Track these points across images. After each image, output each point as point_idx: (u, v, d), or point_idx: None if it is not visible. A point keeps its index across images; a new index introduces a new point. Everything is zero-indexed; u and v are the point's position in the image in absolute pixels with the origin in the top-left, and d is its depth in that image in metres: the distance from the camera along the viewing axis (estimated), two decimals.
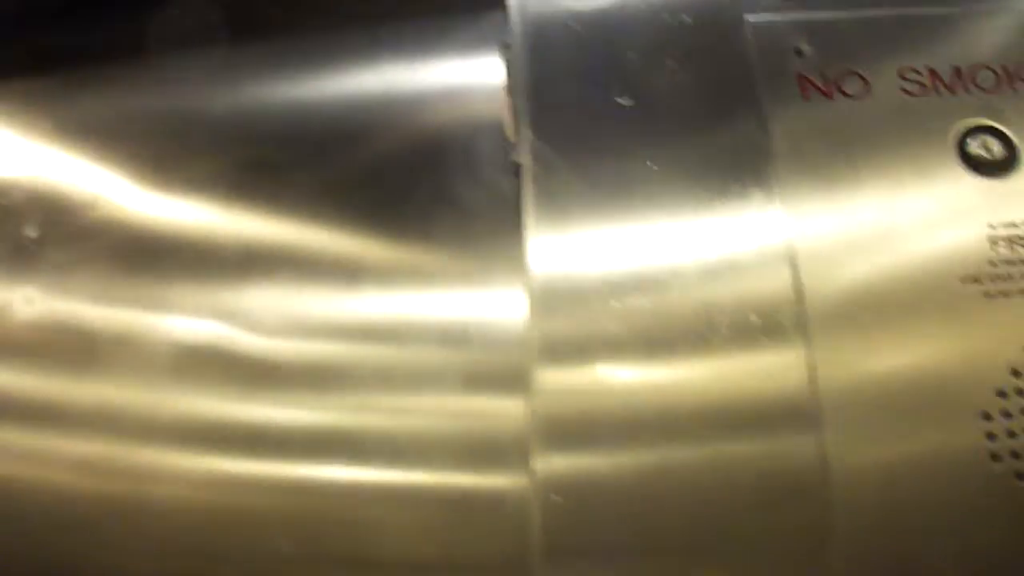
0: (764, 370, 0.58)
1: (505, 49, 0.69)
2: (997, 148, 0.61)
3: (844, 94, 0.63)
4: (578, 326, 0.60)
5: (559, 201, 0.62)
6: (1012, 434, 0.55)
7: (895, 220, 0.60)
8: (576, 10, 0.69)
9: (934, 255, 0.60)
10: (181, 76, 0.86)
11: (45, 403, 0.78)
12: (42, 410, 0.78)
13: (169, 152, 0.82)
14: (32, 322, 0.81)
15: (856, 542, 0.55)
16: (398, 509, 0.69)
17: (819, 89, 0.64)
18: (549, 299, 0.61)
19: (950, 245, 0.60)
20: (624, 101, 0.64)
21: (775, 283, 0.59)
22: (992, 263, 0.59)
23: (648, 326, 0.59)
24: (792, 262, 0.59)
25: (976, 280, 0.58)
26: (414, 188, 0.75)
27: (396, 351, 0.73)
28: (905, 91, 0.63)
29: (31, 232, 0.83)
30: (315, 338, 0.75)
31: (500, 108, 0.69)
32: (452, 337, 0.72)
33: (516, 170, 0.64)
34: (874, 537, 0.55)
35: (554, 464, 0.57)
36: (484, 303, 0.73)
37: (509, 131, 0.68)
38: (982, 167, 0.61)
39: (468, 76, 0.79)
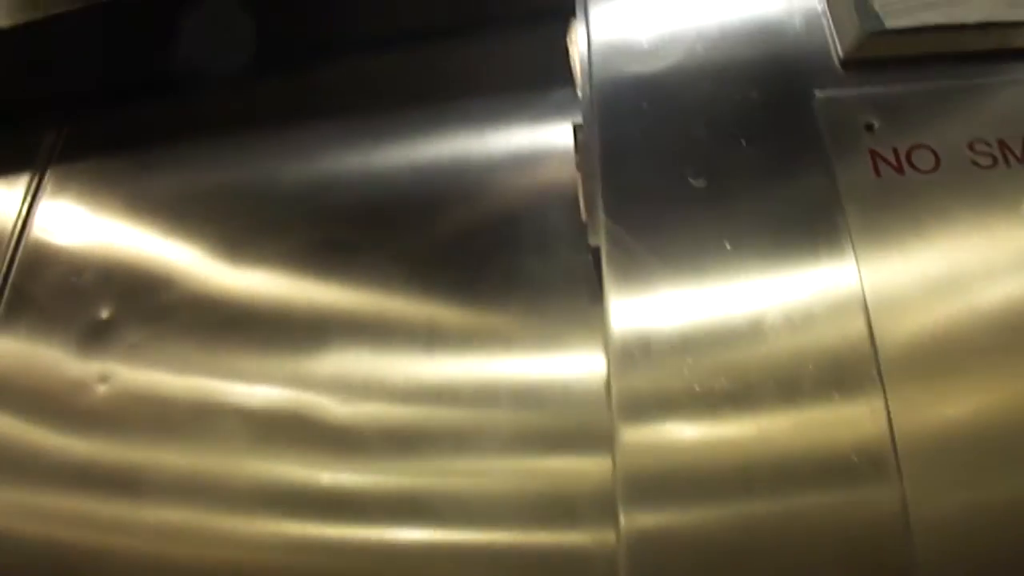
0: (841, 421, 0.58)
1: (577, 129, 0.70)
2: None
3: (915, 168, 0.64)
4: (658, 385, 0.61)
5: (637, 279, 0.63)
6: None
7: (968, 283, 0.61)
8: (643, 77, 0.70)
9: (1008, 312, 0.60)
10: (252, 153, 0.87)
11: (127, 474, 0.80)
12: (124, 481, 0.80)
13: (241, 228, 0.84)
14: (110, 397, 0.83)
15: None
16: (480, 571, 0.70)
17: (890, 164, 0.64)
18: (629, 360, 0.62)
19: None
20: (697, 182, 0.65)
21: (850, 343, 0.60)
22: None
23: (726, 383, 0.60)
24: (868, 325, 0.60)
25: None
26: (488, 258, 0.77)
27: (472, 415, 0.74)
28: (975, 163, 0.64)
29: (104, 313, 0.85)
30: (392, 403, 0.76)
31: (573, 185, 0.71)
32: (528, 400, 0.73)
33: (593, 252, 0.65)
34: (948, 565, 0.54)
35: (639, 520, 0.58)
36: (559, 367, 0.74)
37: (582, 210, 0.69)
38: None
39: (538, 146, 0.80)
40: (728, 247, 0.63)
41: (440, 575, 0.71)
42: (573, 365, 0.75)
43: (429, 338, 0.77)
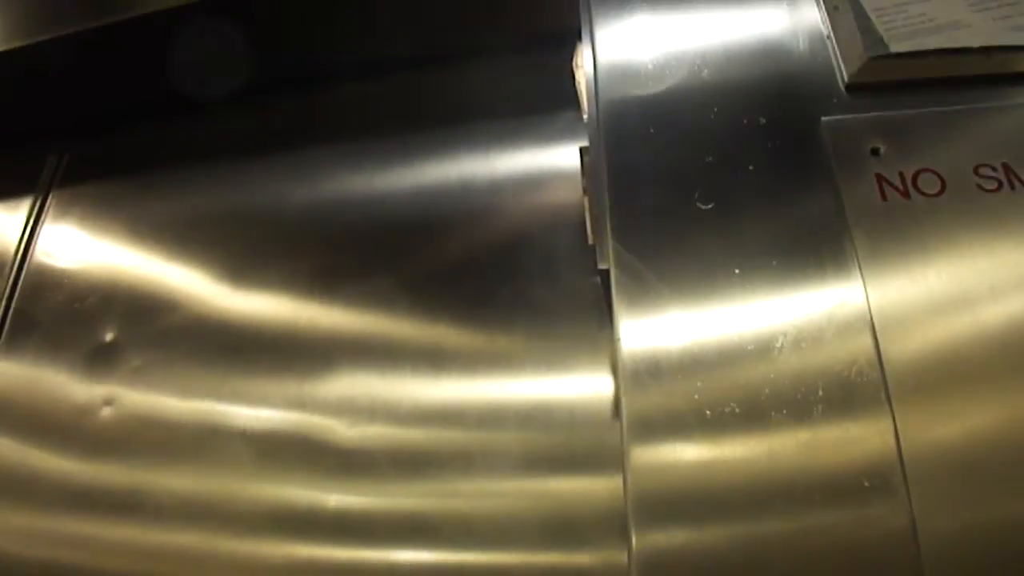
0: (850, 442, 0.58)
1: (583, 152, 0.71)
2: None
3: (921, 193, 0.64)
4: (669, 406, 0.61)
5: (645, 302, 0.64)
6: None
7: (974, 306, 0.61)
8: (649, 101, 0.70)
9: (1013, 333, 0.60)
10: (256, 176, 0.87)
11: (131, 496, 0.79)
12: (128, 503, 0.79)
13: (246, 252, 0.84)
14: (114, 420, 0.83)
15: None
16: None
17: (896, 188, 0.64)
18: (639, 381, 0.62)
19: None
20: (705, 206, 0.66)
21: (858, 365, 0.60)
22: None
23: (736, 404, 0.60)
24: (876, 347, 0.60)
25: None
26: (493, 281, 0.77)
27: (479, 437, 0.74)
28: (980, 187, 0.64)
29: (108, 336, 0.85)
30: (399, 426, 0.76)
31: (578, 208, 0.71)
32: (534, 422, 0.73)
33: (601, 274, 0.65)
34: None
35: (651, 541, 0.58)
36: (565, 389, 0.74)
37: (589, 233, 0.70)
38: None
39: (544, 169, 0.80)
40: (736, 271, 0.64)
41: None
42: (579, 387, 0.75)
43: (436, 361, 0.77)
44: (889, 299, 0.62)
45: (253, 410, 0.80)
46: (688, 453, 0.60)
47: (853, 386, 0.59)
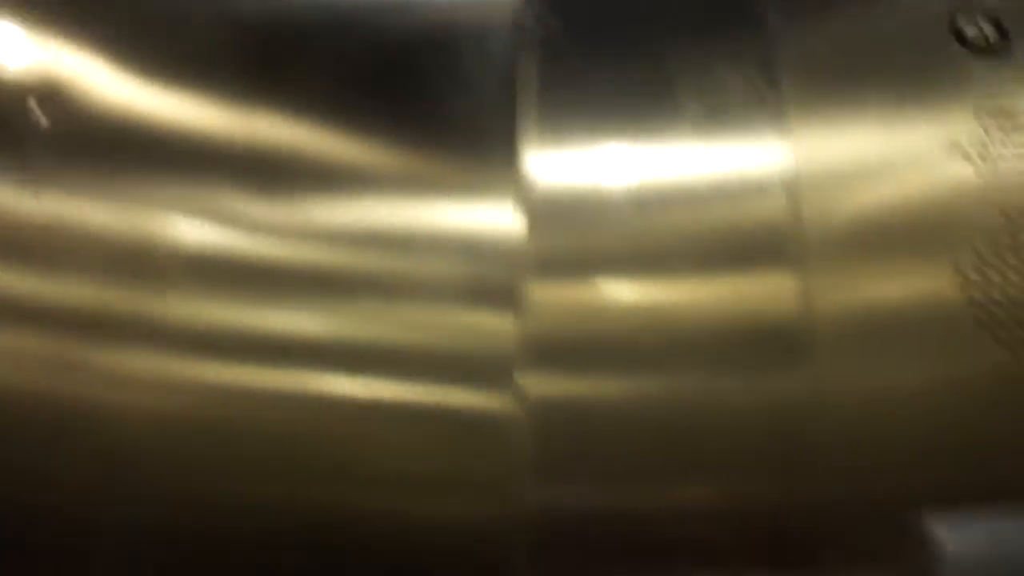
0: (759, 294, 0.57)
1: None
2: (990, 30, 0.62)
3: None
4: (573, 243, 0.60)
5: (561, 85, 0.63)
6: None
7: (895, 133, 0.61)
8: None
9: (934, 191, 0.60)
10: None
11: (46, 305, 0.77)
12: (44, 314, 0.76)
13: (176, 42, 0.82)
14: (31, 219, 0.80)
15: (839, 456, 0.55)
16: (389, 423, 0.67)
17: None
18: (544, 214, 0.61)
19: (944, 130, 0.61)
20: None
21: (773, 207, 0.60)
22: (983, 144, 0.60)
23: (645, 245, 0.59)
24: (791, 186, 0.60)
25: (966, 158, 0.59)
26: (421, 93, 0.76)
27: (395, 260, 0.72)
28: None
29: (31, 125, 0.83)
30: (314, 244, 0.74)
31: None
32: (451, 249, 0.71)
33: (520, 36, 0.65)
34: (857, 447, 0.56)
35: (544, 383, 0.57)
36: (485, 214, 0.73)
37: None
38: (977, 49, 0.61)
39: None
40: (661, 60, 0.63)
41: (352, 426, 0.68)
42: (502, 213, 0.73)
43: (356, 179, 0.75)
44: (813, 150, 0.61)
45: (172, 217, 0.77)
46: (587, 296, 0.59)
47: (766, 243, 0.59)
